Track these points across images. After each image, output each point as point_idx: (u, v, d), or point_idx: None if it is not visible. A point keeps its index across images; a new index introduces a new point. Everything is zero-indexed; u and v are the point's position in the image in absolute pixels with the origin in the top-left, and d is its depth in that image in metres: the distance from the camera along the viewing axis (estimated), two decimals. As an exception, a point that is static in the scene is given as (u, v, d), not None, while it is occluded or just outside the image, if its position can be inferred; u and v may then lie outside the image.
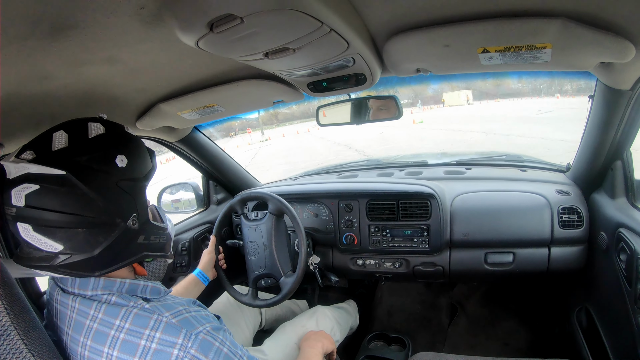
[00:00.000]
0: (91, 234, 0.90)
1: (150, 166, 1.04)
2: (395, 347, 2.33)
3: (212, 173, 2.50)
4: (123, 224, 0.94)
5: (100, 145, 0.93)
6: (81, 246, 0.89)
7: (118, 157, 0.93)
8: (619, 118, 1.45)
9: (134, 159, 0.97)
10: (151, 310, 0.92)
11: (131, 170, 0.95)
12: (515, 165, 2.41)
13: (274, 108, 1.87)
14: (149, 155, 1.05)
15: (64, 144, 0.89)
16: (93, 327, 0.90)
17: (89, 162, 0.89)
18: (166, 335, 0.88)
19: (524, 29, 1.03)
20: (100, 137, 0.94)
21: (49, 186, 0.85)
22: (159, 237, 1.07)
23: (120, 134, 0.99)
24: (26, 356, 0.78)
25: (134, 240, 0.98)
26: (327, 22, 0.92)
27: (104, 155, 0.92)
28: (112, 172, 0.92)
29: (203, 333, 0.91)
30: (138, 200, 0.98)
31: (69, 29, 0.83)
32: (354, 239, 2.17)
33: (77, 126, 0.94)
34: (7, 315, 0.79)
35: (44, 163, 0.85)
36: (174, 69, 1.28)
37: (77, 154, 0.89)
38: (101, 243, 0.91)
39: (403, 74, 1.44)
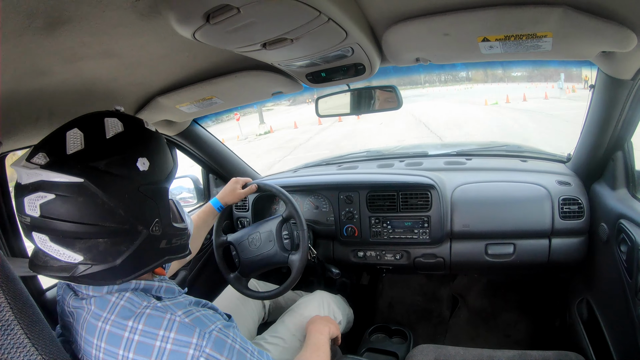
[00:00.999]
0: (113, 244, 0.85)
1: (172, 164, 0.98)
2: (396, 339, 2.33)
3: (211, 166, 2.50)
4: (145, 231, 0.89)
5: (120, 147, 0.86)
6: (102, 257, 0.85)
7: (139, 161, 0.87)
8: (620, 108, 1.44)
9: (156, 160, 0.91)
10: (163, 310, 0.89)
11: (153, 173, 0.90)
12: (516, 155, 2.41)
13: (272, 100, 1.86)
14: (170, 152, 0.99)
15: (79, 145, 0.83)
16: (106, 329, 0.88)
17: (107, 167, 0.83)
18: (180, 335, 0.86)
19: (524, 18, 1.02)
20: (119, 136, 0.87)
21: (65, 195, 0.80)
22: (180, 239, 1.02)
23: (140, 131, 0.93)
24: (30, 350, 0.78)
25: (157, 245, 0.93)
26: (325, 11, 0.91)
27: (124, 159, 0.86)
28: (133, 177, 0.86)
29: (216, 331, 0.90)
30: (160, 204, 0.92)
31: (64, 24, 0.83)
32: (354, 230, 2.17)
33: (93, 123, 0.87)
34: (10, 310, 0.79)
35: (58, 169, 0.80)
36: (171, 61, 1.27)
37: (94, 157, 0.83)
38: (123, 252, 0.87)
39: (402, 63, 1.43)
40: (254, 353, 0.98)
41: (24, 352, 0.77)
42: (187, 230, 1.06)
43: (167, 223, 0.95)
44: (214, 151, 2.42)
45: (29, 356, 0.77)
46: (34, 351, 0.78)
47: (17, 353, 0.77)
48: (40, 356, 0.78)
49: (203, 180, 2.60)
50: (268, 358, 1.04)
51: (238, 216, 2.47)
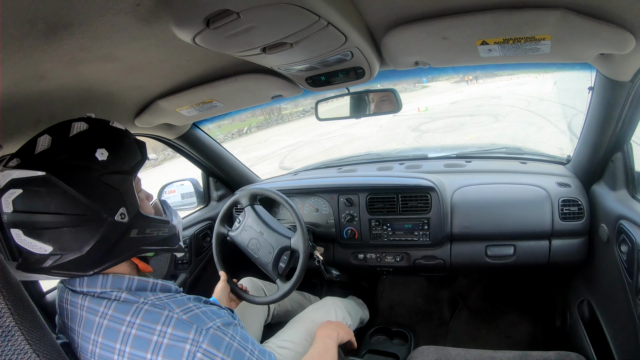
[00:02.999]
0: (77, 231, 0.89)
1: (138, 158, 1.01)
2: (397, 341, 2.33)
3: (211, 170, 2.50)
4: (110, 219, 0.92)
5: (80, 142, 0.91)
6: (69, 245, 0.89)
7: (98, 151, 0.91)
8: (619, 110, 1.44)
9: (116, 151, 0.94)
10: (161, 306, 0.92)
11: (114, 163, 0.93)
12: (515, 157, 2.41)
13: (272, 104, 1.86)
14: (137, 146, 1.02)
15: (46, 146, 0.89)
16: (103, 324, 0.90)
17: (68, 160, 0.88)
18: (177, 330, 0.89)
19: (522, 21, 1.02)
20: (81, 134, 0.93)
21: (31, 188, 0.85)
22: (157, 230, 1.04)
23: (102, 128, 0.97)
24: (31, 356, 0.78)
25: (126, 234, 0.96)
26: (324, 16, 0.92)
27: (83, 151, 0.90)
28: (92, 167, 0.90)
29: (213, 328, 0.92)
30: (126, 194, 0.95)
31: (64, 28, 0.83)
32: (354, 233, 2.17)
33: (61, 127, 0.93)
34: (11, 316, 0.79)
35: (25, 167, 0.86)
36: (171, 65, 1.27)
37: (57, 153, 0.88)
38: (89, 240, 0.90)
39: (401, 67, 1.43)
40: (253, 352, 0.99)
41: (25, 358, 0.78)
42: (169, 223, 1.09)
43: (135, 212, 0.97)
44: (214, 154, 2.42)
45: None
46: (35, 357, 0.78)
47: (18, 359, 0.77)
48: None
49: (203, 183, 2.60)
50: (270, 358, 1.05)
51: (238, 217, 2.46)
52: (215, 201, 2.61)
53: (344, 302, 2.03)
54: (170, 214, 1.15)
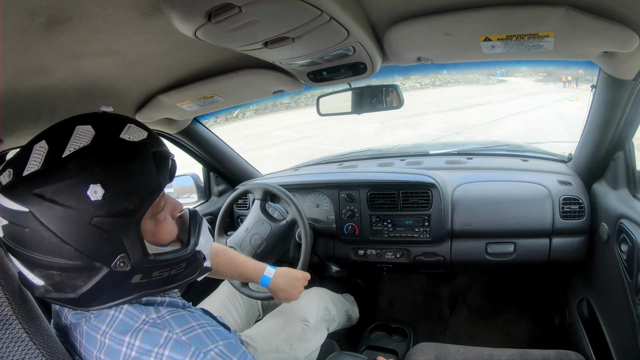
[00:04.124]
0: (67, 277, 0.77)
1: (151, 187, 0.81)
2: (396, 337, 2.34)
3: (212, 164, 2.50)
4: (105, 268, 0.77)
5: (71, 170, 0.73)
6: (60, 287, 0.79)
7: (91, 188, 0.72)
8: (622, 108, 1.44)
9: (116, 187, 0.75)
10: (161, 326, 0.84)
11: (111, 203, 0.74)
12: (517, 155, 2.40)
13: (273, 99, 1.86)
14: (154, 168, 0.81)
15: (37, 165, 0.73)
16: (105, 343, 0.83)
17: (53, 195, 0.72)
18: (174, 353, 0.80)
19: (526, 17, 1.02)
20: (76, 154, 0.74)
21: (16, 224, 0.74)
22: (169, 270, 0.88)
23: (107, 148, 0.77)
24: (28, 344, 0.78)
25: (126, 281, 0.82)
26: (326, 10, 0.91)
27: (72, 186, 0.73)
28: (81, 209, 0.73)
29: (214, 352, 0.83)
30: (127, 238, 0.78)
31: (65, 22, 0.82)
32: (355, 229, 2.17)
33: (62, 134, 0.76)
34: (9, 305, 0.79)
35: (10, 194, 0.73)
36: (173, 59, 1.27)
37: (42, 182, 0.72)
38: (80, 287, 0.78)
39: (404, 62, 1.42)
40: None
41: (22, 346, 0.78)
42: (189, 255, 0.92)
43: (139, 257, 0.81)
44: (215, 149, 2.42)
45: (27, 350, 0.78)
46: (32, 345, 0.78)
47: (16, 347, 0.77)
48: (38, 350, 0.79)
49: (204, 178, 2.60)
50: None
51: (239, 214, 2.47)
52: (216, 196, 2.61)
53: (330, 294, 2.03)
54: (197, 234, 0.96)
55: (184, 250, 0.91)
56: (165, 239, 0.91)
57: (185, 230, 0.96)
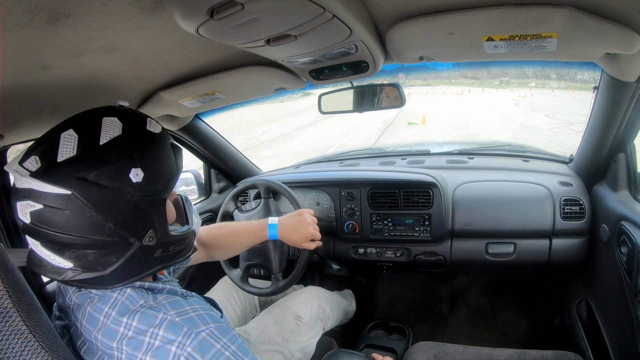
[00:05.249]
0: (102, 255, 0.84)
1: (173, 171, 0.92)
2: (395, 336, 2.34)
3: (213, 161, 2.50)
4: (138, 242, 0.86)
5: (113, 156, 0.81)
6: (91, 266, 0.84)
7: (132, 172, 0.82)
8: (624, 110, 1.44)
9: (152, 170, 0.86)
10: (157, 308, 0.89)
11: (148, 184, 0.85)
12: (518, 155, 2.41)
13: (275, 96, 1.86)
14: (173, 155, 0.93)
15: (71, 152, 0.79)
16: (106, 324, 0.88)
17: (97, 179, 0.79)
18: (168, 333, 0.86)
19: (529, 18, 1.01)
20: (113, 142, 0.82)
21: (53, 206, 0.78)
22: (179, 245, 0.98)
23: (139, 136, 0.87)
24: (27, 337, 0.79)
25: (150, 255, 0.91)
26: (329, 8, 0.91)
27: (115, 170, 0.81)
28: (124, 190, 0.82)
29: (205, 333, 0.88)
30: (156, 215, 0.89)
31: (67, 18, 0.82)
32: (355, 227, 2.17)
33: (90, 124, 0.83)
34: (9, 298, 0.80)
35: (47, 179, 0.77)
36: (174, 56, 1.27)
37: (84, 167, 0.79)
38: (113, 263, 0.85)
39: (406, 61, 1.42)
40: None
41: (21, 338, 0.78)
42: (189, 232, 1.02)
43: (164, 233, 0.91)
44: (216, 146, 2.42)
45: (26, 342, 0.78)
46: (32, 338, 0.79)
47: (15, 339, 0.78)
48: (37, 343, 0.79)
49: (205, 175, 2.60)
50: None
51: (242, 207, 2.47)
52: (216, 193, 2.62)
53: (325, 292, 2.04)
54: (191, 214, 1.08)
55: (187, 227, 1.03)
56: (171, 219, 1.02)
57: (181, 214, 1.08)
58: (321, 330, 1.86)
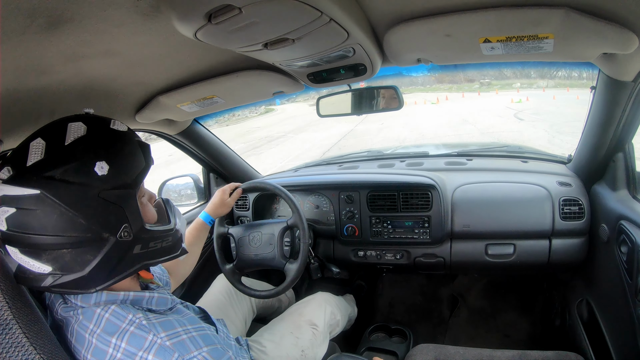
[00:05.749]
0: (78, 253, 0.84)
1: (142, 166, 0.93)
2: (396, 338, 2.33)
3: (212, 165, 2.50)
4: (112, 238, 0.86)
5: (77, 153, 0.83)
6: (70, 266, 0.84)
7: (97, 165, 0.83)
8: (621, 110, 1.44)
9: (118, 163, 0.87)
10: (147, 329, 0.88)
11: (115, 177, 0.86)
12: (517, 156, 2.41)
13: (273, 99, 1.86)
14: (141, 152, 0.95)
15: (39, 156, 0.81)
16: (92, 342, 0.87)
17: (63, 176, 0.81)
18: (157, 358, 0.85)
19: (526, 19, 1.02)
20: (78, 141, 0.84)
21: (24, 208, 0.79)
22: (160, 242, 0.98)
23: (102, 133, 0.89)
24: (28, 349, 0.78)
25: (129, 251, 0.91)
26: (326, 11, 0.91)
27: (80, 165, 0.83)
28: (91, 184, 0.83)
29: (197, 359, 0.88)
30: (128, 208, 0.89)
31: (65, 23, 0.82)
32: (355, 230, 2.17)
33: (56, 130, 0.86)
34: (9, 310, 0.80)
35: (17, 182, 0.79)
36: (173, 60, 1.27)
37: (50, 167, 0.81)
38: (90, 262, 0.85)
39: (404, 64, 1.43)
40: None
41: (22, 351, 0.78)
42: (172, 230, 1.03)
43: (139, 227, 0.92)
44: (215, 150, 2.41)
45: (27, 355, 0.78)
46: (32, 350, 0.79)
47: (16, 352, 0.78)
48: (39, 355, 0.79)
49: (204, 179, 2.59)
50: None
51: (238, 215, 2.47)
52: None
53: (335, 298, 2.04)
54: (174, 216, 1.09)
55: (169, 225, 1.04)
56: (149, 219, 1.01)
57: (163, 216, 1.08)
58: (329, 337, 1.86)
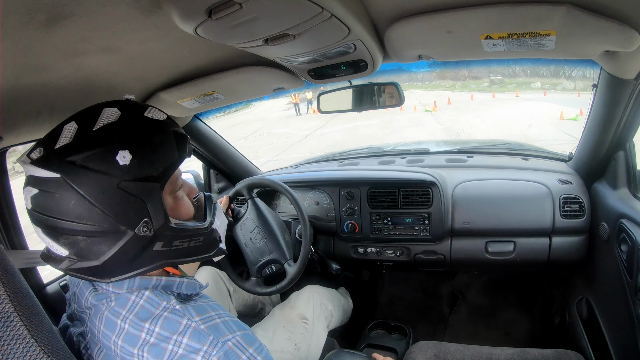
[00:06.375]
0: (93, 242, 0.82)
1: (172, 158, 0.88)
2: (396, 335, 2.33)
3: (212, 162, 2.50)
4: (130, 231, 0.83)
5: (102, 139, 0.80)
6: (85, 254, 0.83)
7: (120, 154, 0.79)
8: (623, 108, 1.44)
9: (142, 154, 0.83)
10: (181, 313, 0.86)
11: (138, 168, 0.81)
12: (517, 153, 2.40)
13: (274, 96, 1.86)
14: (175, 143, 0.89)
15: (68, 139, 0.80)
16: (125, 328, 0.85)
17: (84, 162, 0.78)
18: (193, 341, 0.83)
19: (528, 16, 1.01)
20: (106, 127, 0.81)
21: (46, 191, 0.79)
22: (187, 241, 0.94)
23: (133, 121, 0.86)
24: (29, 341, 0.78)
25: (148, 247, 0.87)
26: (327, 7, 0.91)
27: (103, 152, 0.79)
28: (112, 173, 0.79)
29: (231, 342, 0.86)
30: (151, 202, 0.84)
31: (65, 19, 0.82)
32: (355, 227, 2.17)
33: (90, 114, 0.83)
34: (10, 302, 0.79)
35: (42, 164, 0.78)
36: (173, 56, 1.27)
37: (74, 152, 0.79)
38: (104, 252, 0.83)
39: (405, 60, 1.42)
40: None
41: (23, 343, 0.78)
42: (207, 230, 1.00)
43: (162, 223, 0.87)
44: (215, 147, 2.42)
45: (27, 347, 0.78)
46: (33, 342, 0.79)
47: (17, 344, 0.77)
48: (39, 347, 0.79)
49: (204, 175, 2.60)
50: None
51: (239, 211, 2.47)
52: (216, 193, 2.61)
53: (324, 290, 2.04)
54: (212, 214, 1.04)
55: (202, 224, 0.99)
56: (183, 215, 0.97)
57: (201, 212, 1.04)
58: (326, 330, 1.86)
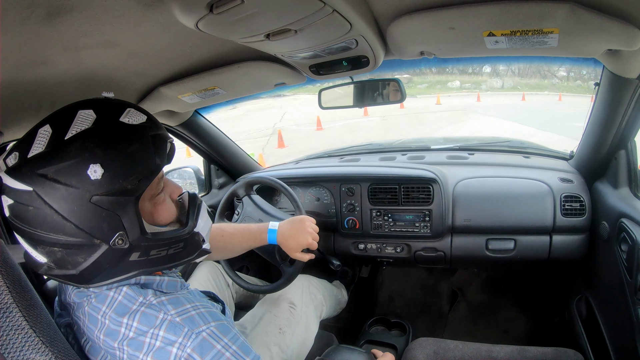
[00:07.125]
0: (69, 254, 0.81)
1: (149, 168, 0.85)
2: (395, 332, 2.34)
3: (213, 157, 2.49)
4: (104, 245, 0.82)
5: (73, 150, 0.77)
6: (62, 263, 0.83)
7: (91, 168, 0.77)
8: (625, 107, 1.43)
9: (115, 167, 0.79)
10: (157, 308, 0.88)
11: (110, 182, 0.79)
12: (518, 151, 2.40)
13: (275, 91, 1.85)
14: (152, 151, 0.85)
15: (41, 147, 0.78)
16: (105, 324, 0.87)
17: (56, 175, 0.76)
18: (168, 334, 0.85)
19: (531, 13, 1.01)
20: (78, 136, 0.78)
21: (19, 203, 0.78)
22: (166, 250, 0.92)
23: (108, 127, 0.82)
24: (28, 332, 0.80)
25: (124, 258, 0.86)
26: (329, 2, 0.90)
27: (73, 165, 0.77)
28: (82, 187, 0.77)
29: (206, 332, 0.87)
30: (125, 216, 0.83)
31: (65, 13, 0.82)
32: (355, 223, 2.17)
33: (64, 117, 0.81)
34: (10, 294, 0.81)
35: (14, 175, 0.77)
36: (174, 51, 1.26)
37: (46, 163, 0.77)
38: (80, 263, 0.82)
39: (407, 57, 1.42)
40: None
41: (22, 334, 0.79)
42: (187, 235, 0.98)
43: (137, 235, 0.85)
44: (216, 142, 2.41)
45: (27, 338, 0.79)
46: (32, 333, 0.80)
47: (16, 335, 0.79)
48: (38, 338, 0.80)
49: (204, 171, 2.59)
50: None
51: (237, 209, 2.47)
52: (216, 189, 2.61)
53: (314, 279, 2.05)
54: (194, 217, 1.01)
55: (181, 230, 0.97)
56: (164, 219, 0.96)
57: (185, 212, 1.02)
58: (317, 320, 1.87)
